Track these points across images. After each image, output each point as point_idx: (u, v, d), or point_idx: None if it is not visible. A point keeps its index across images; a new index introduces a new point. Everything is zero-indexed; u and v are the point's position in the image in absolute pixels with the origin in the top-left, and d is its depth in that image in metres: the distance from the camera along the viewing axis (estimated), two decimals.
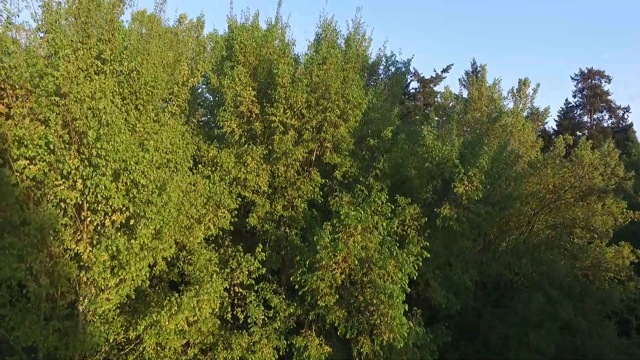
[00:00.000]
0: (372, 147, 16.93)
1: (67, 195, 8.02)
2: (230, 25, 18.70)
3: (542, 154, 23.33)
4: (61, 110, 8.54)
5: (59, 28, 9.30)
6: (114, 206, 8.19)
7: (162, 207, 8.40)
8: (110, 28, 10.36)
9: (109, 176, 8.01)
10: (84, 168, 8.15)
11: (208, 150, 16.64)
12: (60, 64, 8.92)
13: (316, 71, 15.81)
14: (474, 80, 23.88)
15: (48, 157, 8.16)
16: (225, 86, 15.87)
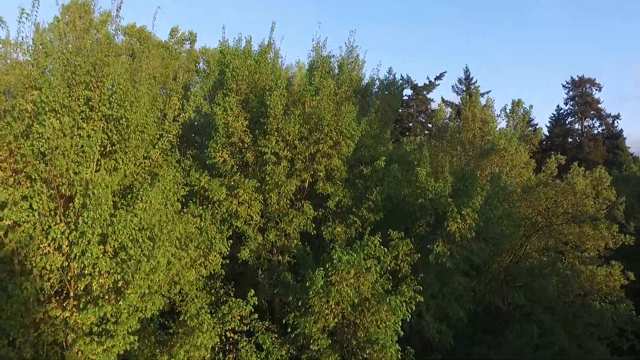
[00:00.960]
0: (365, 175, 16.87)
1: (52, 262, 7.83)
2: (222, 50, 18.48)
3: (534, 175, 23.43)
4: (46, 175, 8.30)
5: (45, 84, 9.00)
6: (101, 270, 8.01)
7: (151, 271, 8.24)
8: (98, 74, 10.10)
9: (96, 242, 7.84)
10: (70, 232, 7.97)
11: (199, 179, 16.51)
12: (46, 121, 8.66)
13: (309, 102, 15.68)
14: (468, 101, 23.90)
15: (33, 219, 7.96)
16: (217, 116, 15.69)
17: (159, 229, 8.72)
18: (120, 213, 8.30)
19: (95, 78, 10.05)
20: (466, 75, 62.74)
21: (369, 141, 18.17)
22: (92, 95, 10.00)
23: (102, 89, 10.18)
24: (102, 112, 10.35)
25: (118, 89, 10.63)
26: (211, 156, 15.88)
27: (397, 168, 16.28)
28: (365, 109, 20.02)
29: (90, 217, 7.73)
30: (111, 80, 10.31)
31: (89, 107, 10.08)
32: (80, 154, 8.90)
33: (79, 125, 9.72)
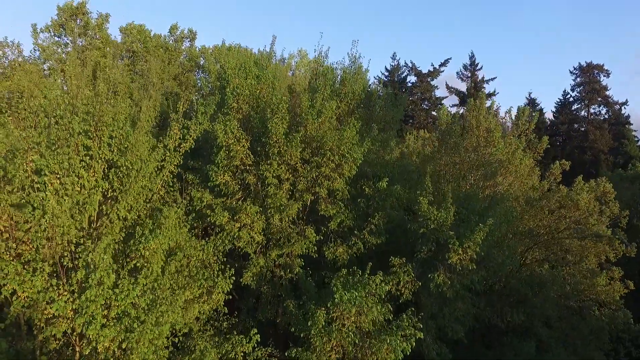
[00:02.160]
0: (367, 195, 16.83)
1: (57, 330, 7.96)
2: (222, 65, 18.15)
3: (539, 181, 23.29)
4: (48, 252, 8.33)
5: (44, 148, 8.86)
6: (106, 337, 8.14)
7: (155, 337, 8.36)
8: (98, 123, 9.98)
9: (99, 314, 7.94)
10: (74, 300, 8.07)
11: (201, 199, 16.53)
12: (47, 185, 8.60)
13: (311, 124, 15.50)
14: (473, 105, 23.49)
15: (36, 288, 8.04)
16: (219, 138, 15.57)
17: (162, 290, 8.80)
18: (123, 283, 8.38)
19: (94, 127, 9.93)
20: (471, 61, 61.61)
21: (372, 156, 18.06)
22: (92, 145, 9.91)
23: (101, 136, 10.07)
24: (102, 159, 10.28)
25: (117, 133, 10.52)
26: (213, 178, 15.86)
27: (399, 189, 16.22)
28: (369, 119, 19.82)
29: (92, 294, 7.81)
30: (111, 127, 10.18)
31: (89, 156, 10.00)
32: (80, 210, 8.89)
33: (78, 174, 9.65)
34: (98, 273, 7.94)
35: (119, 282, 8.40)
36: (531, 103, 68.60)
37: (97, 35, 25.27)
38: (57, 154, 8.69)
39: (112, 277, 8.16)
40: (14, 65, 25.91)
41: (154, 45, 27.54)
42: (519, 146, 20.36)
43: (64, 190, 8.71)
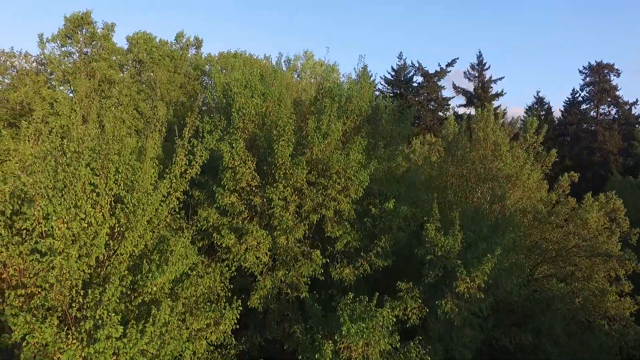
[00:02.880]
0: (374, 214, 16.75)
1: None
2: (227, 83, 18.05)
3: (547, 194, 23.04)
4: (55, 303, 8.36)
5: (49, 191, 8.85)
6: None
7: None
8: (104, 160, 9.97)
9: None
10: (83, 348, 8.12)
11: (208, 218, 16.54)
12: (55, 226, 8.62)
13: (317, 147, 15.42)
14: (481, 116, 23.23)
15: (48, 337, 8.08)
16: (224, 160, 15.55)
17: (169, 333, 8.83)
18: (131, 332, 8.41)
19: (101, 164, 9.92)
20: (479, 61, 60.94)
21: (379, 174, 17.94)
22: (99, 182, 9.91)
23: (107, 173, 10.06)
24: (108, 195, 10.28)
25: (123, 168, 10.50)
26: (219, 200, 15.86)
27: (405, 210, 16.12)
28: (375, 134, 19.68)
29: (101, 347, 7.86)
30: (117, 163, 10.17)
31: (96, 192, 10.00)
32: (88, 253, 8.91)
33: (86, 212, 9.64)
34: (106, 330, 7.98)
35: (127, 330, 8.45)
36: (539, 102, 67.93)
37: (103, 46, 25.25)
38: (64, 199, 8.69)
39: (119, 329, 8.20)
40: (22, 76, 25.99)
41: (160, 54, 27.49)
42: (527, 161, 20.10)
43: (71, 235, 8.73)
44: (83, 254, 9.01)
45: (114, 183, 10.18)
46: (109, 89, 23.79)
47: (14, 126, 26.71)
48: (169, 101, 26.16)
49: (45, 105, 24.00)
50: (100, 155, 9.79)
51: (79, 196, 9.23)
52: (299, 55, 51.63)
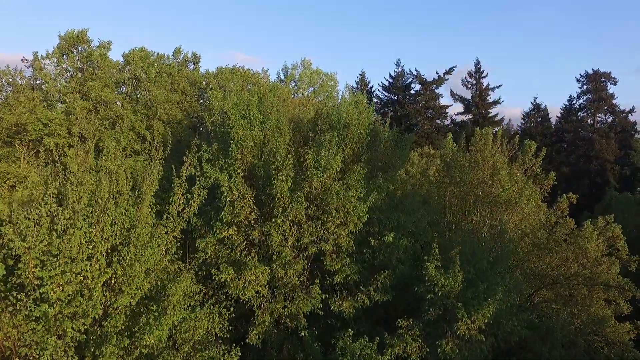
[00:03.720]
0: (373, 246, 16.64)
1: None
2: (226, 110, 17.84)
3: (546, 216, 22.98)
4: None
5: (48, 260, 8.64)
6: None
7: None
8: (100, 214, 9.79)
9: None
10: None
11: (206, 249, 16.39)
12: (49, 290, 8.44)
13: (316, 181, 15.28)
14: (480, 137, 23.17)
15: None
16: (223, 194, 15.39)
17: None
18: None
19: (97, 218, 9.74)
20: (476, 69, 60.94)
21: (378, 202, 17.81)
22: (95, 237, 9.73)
23: (103, 226, 9.89)
24: (104, 247, 10.10)
25: (120, 219, 10.33)
26: (217, 233, 15.71)
27: (405, 243, 16.04)
28: (373, 159, 19.58)
29: None
30: (112, 215, 9.99)
31: (92, 246, 9.83)
32: (84, 313, 8.75)
33: (82, 270, 9.48)
34: None
35: None
36: (536, 108, 68.11)
37: (98, 65, 24.99)
38: (59, 264, 8.52)
39: None
40: (17, 94, 25.71)
41: (157, 71, 27.24)
42: (525, 187, 20.03)
43: (66, 297, 8.57)
44: (79, 313, 8.84)
45: (110, 235, 10.01)
46: (104, 110, 23.56)
47: (9, 145, 26.45)
48: (167, 120, 25.94)
49: (40, 126, 23.75)
50: (96, 209, 9.62)
51: (73, 253, 9.06)
52: (296, 64, 51.49)
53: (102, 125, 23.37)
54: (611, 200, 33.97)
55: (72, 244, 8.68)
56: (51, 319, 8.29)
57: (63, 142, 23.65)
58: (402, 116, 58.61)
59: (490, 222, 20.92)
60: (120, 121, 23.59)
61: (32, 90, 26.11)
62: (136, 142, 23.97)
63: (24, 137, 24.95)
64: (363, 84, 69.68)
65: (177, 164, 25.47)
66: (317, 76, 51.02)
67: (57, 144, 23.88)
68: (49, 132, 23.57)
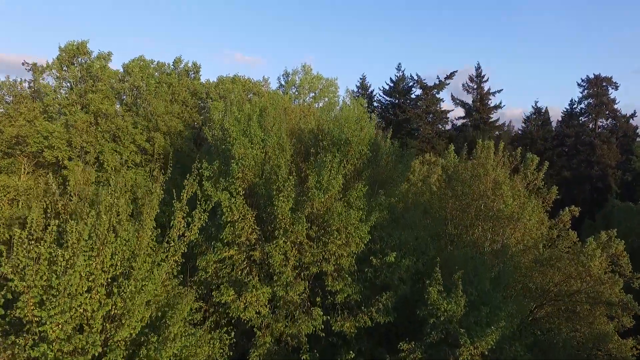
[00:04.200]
0: (375, 265, 16.55)
1: None
2: (226, 128, 17.75)
3: (548, 230, 22.88)
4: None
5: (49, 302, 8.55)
6: None
7: None
8: (100, 246, 9.70)
9: None
10: None
11: (206, 269, 16.31)
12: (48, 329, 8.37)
13: (318, 202, 15.19)
14: (482, 148, 23.07)
15: None
16: (224, 214, 15.32)
17: None
18: None
19: (97, 251, 9.66)
20: (477, 73, 60.81)
21: (379, 220, 17.72)
22: (95, 270, 9.65)
23: (103, 258, 9.80)
24: (104, 278, 10.03)
25: (120, 249, 10.25)
26: (218, 254, 15.63)
27: (407, 263, 15.96)
28: (374, 174, 19.51)
29: None
30: (112, 247, 9.91)
31: (91, 279, 9.74)
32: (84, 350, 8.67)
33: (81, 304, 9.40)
34: None
35: None
36: (537, 112, 67.98)
37: (98, 77, 24.90)
38: (58, 304, 8.45)
39: None
40: (17, 104, 25.62)
41: (158, 82, 27.16)
42: (527, 203, 19.92)
43: (65, 335, 8.49)
44: (79, 350, 8.77)
45: (110, 266, 9.94)
46: (105, 123, 23.47)
47: (9, 156, 26.36)
48: (167, 132, 25.86)
49: (40, 138, 23.67)
50: (96, 241, 9.53)
51: (72, 290, 8.98)
52: (297, 69, 51.46)
53: (103, 138, 23.28)
54: (613, 209, 33.83)
55: (72, 282, 8.60)
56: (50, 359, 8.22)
57: (63, 155, 23.58)
58: (402, 120, 58.54)
59: (492, 236, 20.84)
60: (121, 134, 23.51)
61: (32, 101, 26.06)
62: (137, 155, 23.89)
63: (24, 149, 24.87)
64: (364, 88, 69.58)
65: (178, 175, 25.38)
66: (317, 81, 50.96)
67: (57, 157, 23.84)
68: (49, 144, 23.49)
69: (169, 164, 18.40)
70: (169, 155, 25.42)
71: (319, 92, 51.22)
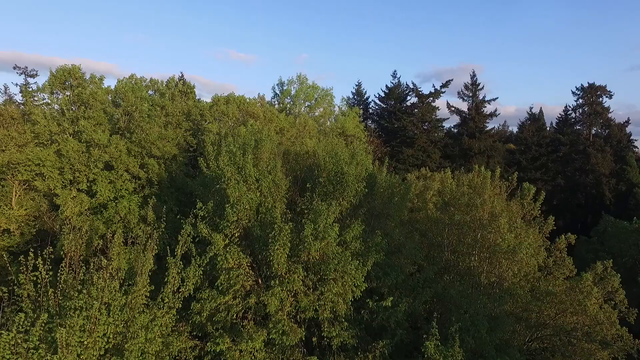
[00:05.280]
0: (371, 308, 16.45)
1: None
2: (222, 168, 17.47)
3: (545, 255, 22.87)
4: None
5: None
6: None
7: None
8: (92, 323, 9.50)
9: None
10: None
11: (201, 313, 16.12)
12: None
13: (314, 251, 15.03)
14: (479, 179, 23.01)
15: None
16: (218, 262, 15.13)
17: None
18: None
19: (89, 332, 9.46)
20: (473, 81, 60.75)
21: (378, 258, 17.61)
22: (84, 350, 9.44)
23: (95, 335, 9.61)
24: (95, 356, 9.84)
25: (112, 328, 10.05)
26: (213, 301, 15.45)
27: (403, 308, 15.87)
28: (371, 215, 19.43)
29: None
30: (103, 327, 9.71)
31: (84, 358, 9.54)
32: None
33: None
34: None
35: None
36: (532, 118, 68.10)
37: (89, 105, 24.50)
38: None
39: None
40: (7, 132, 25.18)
41: (151, 105, 26.81)
42: (525, 239, 19.87)
43: None
44: None
45: (103, 345, 9.75)
46: (98, 152, 23.13)
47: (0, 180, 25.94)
48: (161, 156, 25.56)
49: (32, 166, 23.30)
50: (87, 325, 9.33)
51: None
52: (292, 79, 51.05)
53: (96, 167, 22.95)
54: (607, 227, 33.97)
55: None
56: None
57: (55, 184, 23.24)
58: (398, 128, 58.40)
59: (489, 268, 20.80)
60: (115, 163, 23.20)
61: (24, 124, 25.62)
62: (130, 183, 23.59)
63: (15, 174, 24.47)
64: (359, 95, 69.33)
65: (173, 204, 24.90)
66: (313, 92, 50.60)
67: (50, 185, 23.48)
68: (39, 171, 23.15)
69: (165, 190, 18.09)
70: (164, 181, 25.15)
71: (315, 103, 50.92)
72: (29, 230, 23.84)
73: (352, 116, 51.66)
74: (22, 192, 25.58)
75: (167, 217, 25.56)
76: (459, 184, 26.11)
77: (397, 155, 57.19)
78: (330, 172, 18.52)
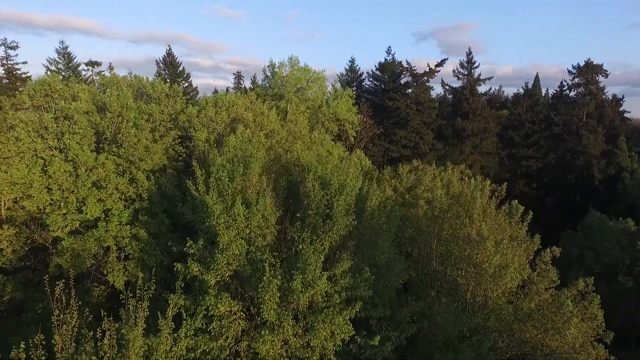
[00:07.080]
0: (360, 344, 17.06)
1: None
2: (210, 205, 17.38)
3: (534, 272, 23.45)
4: None
5: None
6: None
7: None
8: None
9: None
10: None
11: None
12: None
13: (302, 302, 15.34)
14: (468, 192, 23.15)
15: None
16: (211, 309, 15.45)
17: None
18: None
19: None
20: (468, 59, 59.37)
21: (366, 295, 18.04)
22: None
23: None
24: None
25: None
26: (204, 346, 15.90)
27: (390, 347, 16.48)
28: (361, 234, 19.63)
29: None
30: None
31: None
32: None
33: None
34: None
35: None
36: (527, 93, 67.40)
37: (74, 120, 23.87)
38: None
39: None
40: None
41: (138, 113, 26.15)
42: (511, 263, 20.32)
43: None
44: None
45: None
46: (85, 173, 22.84)
47: None
48: (150, 169, 25.31)
49: (21, 188, 23.02)
50: None
51: None
52: (284, 62, 49.68)
53: (84, 186, 22.73)
54: (592, 222, 34.66)
55: None
56: None
57: (44, 204, 23.08)
58: (391, 109, 57.63)
59: (474, 289, 21.42)
60: (103, 182, 22.99)
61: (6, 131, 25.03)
62: (120, 202, 23.48)
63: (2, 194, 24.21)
64: (353, 72, 67.83)
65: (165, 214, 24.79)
66: (304, 74, 49.39)
67: (38, 206, 23.31)
68: (27, 193, 22.92)
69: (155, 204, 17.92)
70: (154, 195, 25.02)
71: (306, 86, 49.90)
72: (20, 247, 23.90)
73: (345, 99, 50.85)
74: (11, 206, 25.40)
75: (160, 230, 25.81)
76: (448, 193, 26.32)
77: (390, 136, 56.83)
78: (319, 204, 18.53)
